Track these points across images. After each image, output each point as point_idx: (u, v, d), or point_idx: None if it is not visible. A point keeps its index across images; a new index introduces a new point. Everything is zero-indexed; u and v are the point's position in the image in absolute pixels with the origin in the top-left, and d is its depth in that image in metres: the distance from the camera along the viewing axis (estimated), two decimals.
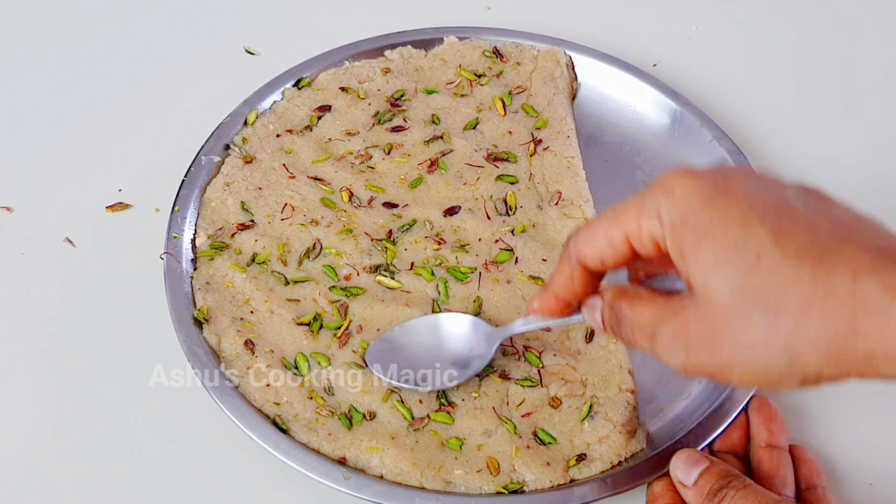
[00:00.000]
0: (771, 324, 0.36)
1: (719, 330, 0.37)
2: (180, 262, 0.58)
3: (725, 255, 0.37)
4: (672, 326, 0.39)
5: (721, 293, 0.37)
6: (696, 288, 0.38)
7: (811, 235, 0.36)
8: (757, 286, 0.36)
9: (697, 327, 0.38)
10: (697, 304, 0.38)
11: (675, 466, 0.49)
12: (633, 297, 0.42)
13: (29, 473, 0.54)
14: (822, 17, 0.81)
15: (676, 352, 0.39)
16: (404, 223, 0.61)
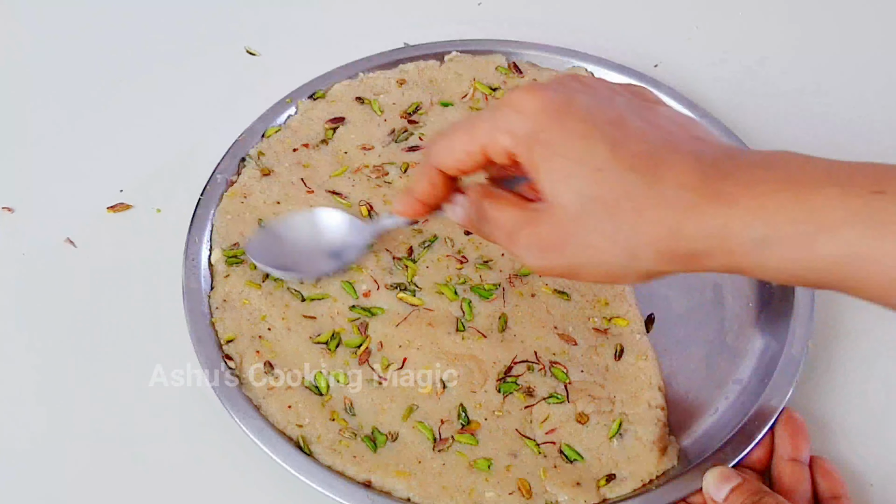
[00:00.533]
0: (613, 227, 0.41)
1: (569, 234, 0.42)
2: (198, 282, 0.58)
3: (572, 168, 0.41)
4: (528, 231, 0.43)
5: (569, 202, 0.41)
6: (548, 197, 0.42)
7: (644, 146, 0.41)
8: (599, 195, 0.41)
9: (550, 232, 0.43)
10: (550, 212, 0.42)
11: (708, 483, 0.50)
12: (496, 198, 0.46)
13: (29, 473, 0.54)
14: (823, 16, 0.81)
15: (532, 254, 0.44)
16: (425, 239, 0.60)
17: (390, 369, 0.55)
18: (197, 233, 0.60)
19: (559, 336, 0.56)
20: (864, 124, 0.73)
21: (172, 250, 0.60)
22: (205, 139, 0.68)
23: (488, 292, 0.58)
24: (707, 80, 0.74)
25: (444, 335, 0.56)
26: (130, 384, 0.57)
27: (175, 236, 0.61)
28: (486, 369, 0.55)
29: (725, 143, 0.44)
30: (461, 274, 0.59)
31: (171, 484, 0.54)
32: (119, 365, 0.58)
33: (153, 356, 0.57)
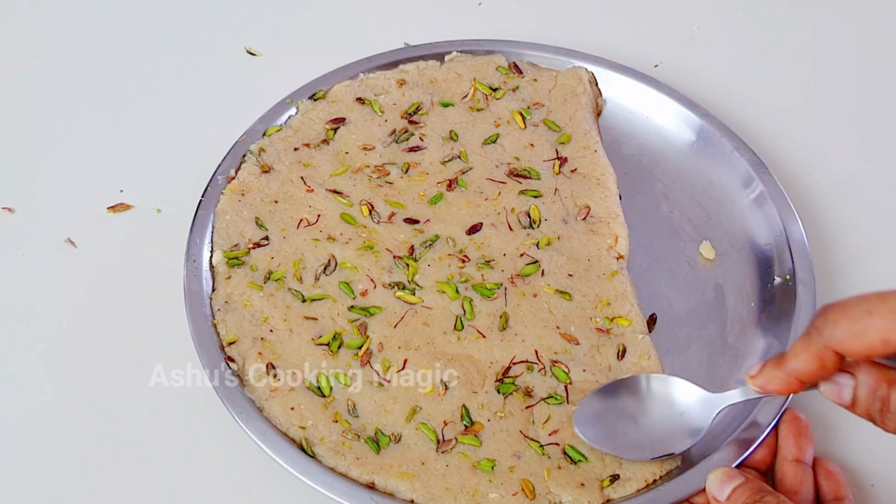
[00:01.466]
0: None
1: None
2: (199, 283, 0.58)
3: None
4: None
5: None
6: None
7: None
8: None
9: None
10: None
11: (710, 482, 0.50)
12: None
13: (29, 473, 0.54)
14: (823, 16, 0.81)
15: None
16: (426, 238, 0.60)
17: (391, 371, 0.55)
18: (198, 234, 0.60)
19: (561, 336, 0.56)
20: (865, 124, 0.73)
21: (172, 250, 0.60)
22: (205, 139, 0.68)
23: (490, 291, 0.58)
24: (707, 80, 0.74)
25: (440, 335, 0.56)
26: (130, 384, 0.57)
27: (175, 236, 0.61)
28: (482, 370, 0.55)
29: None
30: (463, 273, 0.59)
31: (172, 484, 0.54)
32: (119, 365, 0.58)
33: (153, 356, 0.57)
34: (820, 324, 0.42)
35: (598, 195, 0.62)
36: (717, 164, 0.66)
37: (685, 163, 0.67)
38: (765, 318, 0.59)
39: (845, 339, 0.41)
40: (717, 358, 0.58)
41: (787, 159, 0.69)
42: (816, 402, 0.57)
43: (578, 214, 0.62)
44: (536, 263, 0.59)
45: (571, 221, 0.61)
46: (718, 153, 0.67)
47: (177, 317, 0.57)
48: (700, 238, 0.63)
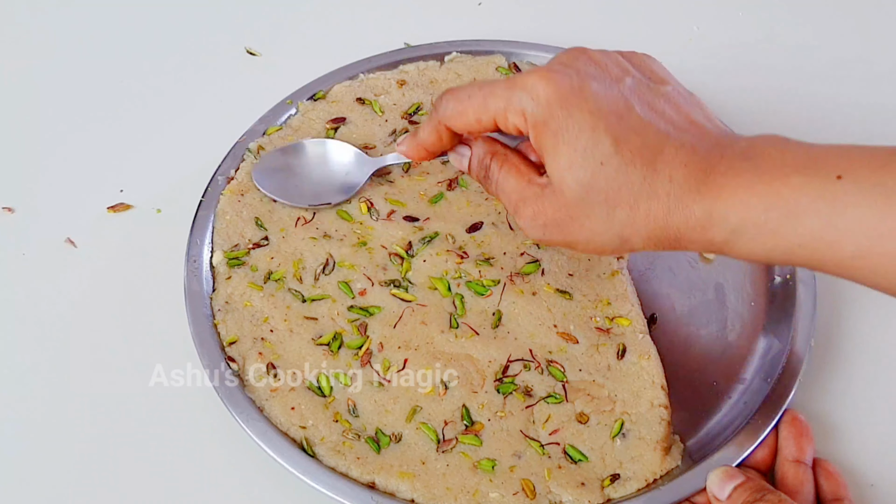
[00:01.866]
0: (609, 215, 0.46)
1: (570, 216, 0.47)
2: (200, 284, 0.58)
3: (577, 159, 0.45)
4: (533, 208, 0.48)
5: (573, 189, 0.46)
6: (553, 179, 0.47)
7: (643, 139, 0.45)
8: (600, 185, 0.45)
9: (553, 212, 0.47)
10: (554, 193, 0.47)
11: (711, 481, 0.50)
12: (502, 160, 0.50)
13: (28, 473, 0.54)
14: (824, 16, 0.81)
15: (535, 228, 0.49)
16: (426, 235, 0.60)
17: (391, 370, 0.55)
18: (198, 234, 0.60)
19: (559, 334, 0.56)
20: (865, 123, 0.73)
21: (172, 250, 0.60)
22: (205, 139, 0.68)
23: (485, 288, 0.58)
24: (707, 79, 0.74)
25: (438, 334, 0.56)
26: (130, 384, 0.57)
27: (175, 236, 0.61)
28: (482, 369, 0.55)
29: (718, 128, 0.47)
30: (460, 269, 0.59)
31: (172, 484, 0.54)
32: (119, 365, 0.58)
33: (153, 356, 0.57)
34: (437, 103, 0.51)
35: None
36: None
37: None
38: (765, 317, 0.59)
39: (451, 116, 0.50)
40: (717, 357, 0.58)
41: None
42: (817, 403, 0.57)
43: None
44: (537, 262, 0.59)
45: None
46: None
47: (177, 317, 0.57)
48: None
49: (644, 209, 0.45)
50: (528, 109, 0.46)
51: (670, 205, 0.44)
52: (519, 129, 0.48)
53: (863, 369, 0.59)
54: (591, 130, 0.45)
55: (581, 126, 0.45)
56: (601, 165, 0.45)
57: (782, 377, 0.55)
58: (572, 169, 0.45)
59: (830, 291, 0.61)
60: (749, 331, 0.59)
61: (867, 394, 0.58)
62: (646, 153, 0.45)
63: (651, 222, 0.45)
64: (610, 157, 0.45)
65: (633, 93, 0.47)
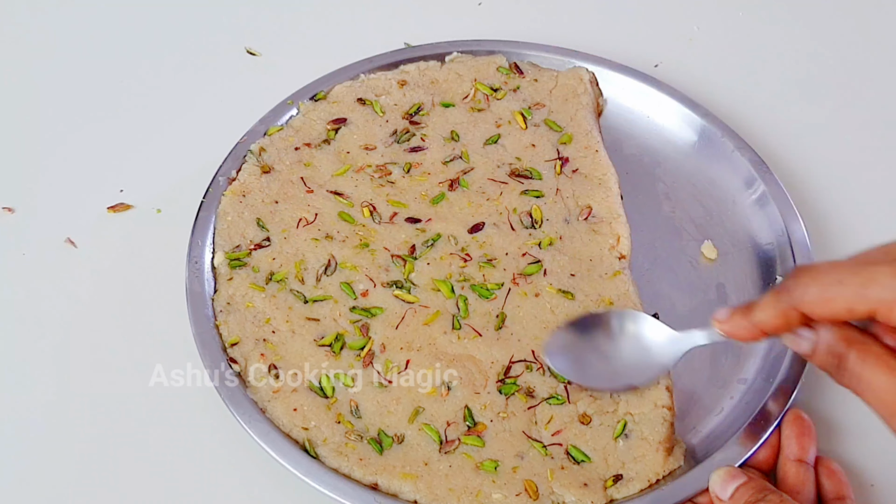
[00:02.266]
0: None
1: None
2: (202, 285, 0.58)
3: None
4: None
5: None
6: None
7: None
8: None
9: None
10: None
11: (714, 481, 0.50)
12: (863, 349, 0.43)
13: (28, 473, 0.54)
14: (824, 16, 0.81)
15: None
16: (428, 237, 0.60)
17: (393, 371, 0.55)
18: (200, 235, 0.60)
19: None
20: (866, 123, 0.73)
21: (172, 250, 0.60)
22: (205, 139, 0.68)
23: (489, 292, 0.58)
24: (707, 79, 0.74)
25: (440, 335, 0.56)
26: (130, 384, 0.57)
27: (175, 237, 0.61)
28: (484, 370, 0.55)
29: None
30: (463, 272, 0.59)
31: (173, 485, 0.54)
32: (119, 365, 0.58)
33: (153, 356, 0.57)
34: (791, 285, 0.44)
35: (600, 195, 0.62)
36: (718, 163, 0.66)
37: (687, 163, 0.67)
38: None
39: (813, 303, 0.43)
40: (719, 357, 0.58)
41: (789, 159, 0.69)
42: (818, 402, 0.57)
43: (580, 214, 0.62)
44: (539, 263, 0.59)
45: (573, 221, 0.61)
46: (720, 153, 0.67)
47: (176, 317, 0.57)
48: (702, 238, 0.63)
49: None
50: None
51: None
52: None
53: None
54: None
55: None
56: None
57: (784, 377, 0.55)
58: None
59: None
60: None
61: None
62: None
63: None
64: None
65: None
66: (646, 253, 0.62)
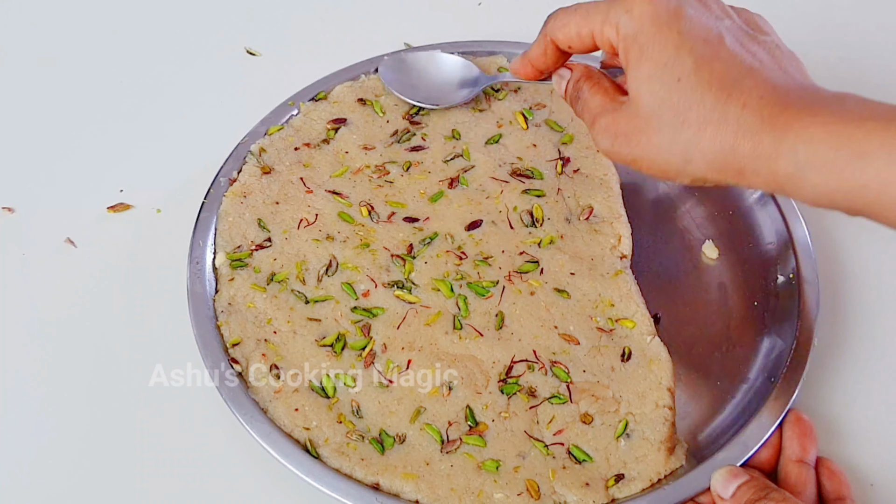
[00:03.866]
0: (676, 132, 0.46)
1: (639, 129, 0.48)
2: (203, 285, 0.58)
3: (656, 72, 0.46)
4: (608, 119, 0.50)
5: (646, 102, 0.47)
6: (630, 93, 0.48)
7: (725, 67, 0.45)
8: (673, 102, 0.46)
9: (625, 124, 0.48)
10: (629, 107, 0.48)
11: (715, 481, 0.50)
12: (594, 82, 0.52)
13: (28, 473, 0.54)
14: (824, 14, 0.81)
15: (606, 139, 0.50)
16: (425, 236, 0.60)
17: (395, 372, 0.55)
18: (201, 236, 0.60)
19: (560, 336, 0.56)
20: None
21: (173, 250, 0.60)
22: (204, 140, 0.68)
23: (485, 290, 0.58)
24: None
25: (442, 335, 0.56)
26: (130, 384, 0.57)
27: (175, 237, 0.61)
28: (486, 370, 0.55)
29: (808, 81, 0.47)
30: (459, 270, 0.59)
31: (173, 485, 0.54)
32: (119, 365, 0.58)
33: (153, 356, 0.57)
34: (548, 19, 0.53)
35: (601, 195, 0.62)
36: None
37: None
38: (768, 317, 0.59)
39: (556, 29, 0.52)
40: (720, 357, 0.58)
41: None
42: (820, 402, 0.57)
43: (581, 214, 0.62)
44: (535, 262, 0.59)
45: (574, 221, 0.61)
46: None
47: (176, 316, 0.57)
48: (703, 237, 0.63)
49: (711, 132, 0.45)
50: (621, 23, 0.48)
51: (738, 132, 0.44)
52: (612, 43, 0.49)
53: (866, 369, 0.59)
54: (676, 48, 0.46)
55: (667, 43, 0.46)
56: (678, 82, 0.46)
57: (786, 377, 0.55)
58: (650, 81, 0.46)
59: (833, 291, 0.61)
60: (752, 330, 0.59)
61: (870, 393, 0.58)
62: (725, 80, 0.45)
63: (717, 147, 0.45)
64: (688, 75, 0.45)
65: (729, 30, 0.47)
66: (647, 253, 0.62)
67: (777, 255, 0.62)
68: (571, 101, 0.54)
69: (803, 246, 0.61)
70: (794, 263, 0.60)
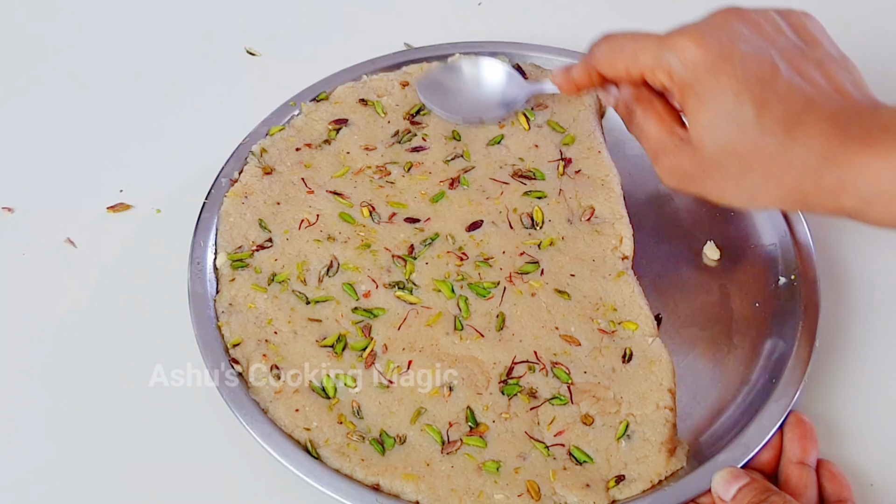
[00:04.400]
0: (741, 178, 0.48)
1: (705, 173, 0.49)
2: (204, 286, 0.58)
3: (717, 122, 0.47)
4: (671, 160, 0.51)
5: (710, 150, 0.48)
6: (693, 138, 0.49)
7: (785, 106, 0.46)
8: (736, 150, 0.47)
9: (689, 166, 0.50)
10: (692, 149, 0.49)
11: (716, 482, 0.50)
12: (647, 106, 0.52)
13: (28, 472, 0.54)
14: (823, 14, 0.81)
15: (671, 179, 0.52)
16: (426, 237, 0.60)
17: (395, 372, 0.55)
18: (202, 236, 0.60)
19: (561, 337, 0.56)
20: None
21: (173, 250, 0.60)
22: (204, 140, 0.68)
23: (486, 290, 0.58)
24: None
25: (443, 336, 0.56)
26: (130, 384, 0.57)
27: (176, 237, 0.61)
28: (487, 371, 0.55)
29: (865, 95, 0.48)
30: (460, 271, 0.59)
31: (173, 485, 0.54)
32: (119, 365, 0.58)
33: (153, 356, 0.57)
34: (593, 47, 0.55)
35: (603, 196, 0.62)
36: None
37: None
38: (770, 318, 0.59)
39: (601, 63, 0.54)
40: (722, 358, 0.58)
41: None
42: (822, 404, 0.57)
43: (583, 215, 0.61)
44: (536, 263, 0.59)
45: (576, 222, 0.61)
46: None
47: (176, 317, 0.57)
48: (704, 238, 0.63)
49: (777, 175, 0.46)
50: (675, 70, 0.48)
51: (804, 173, 0.45)
52: (665, 86, 0.50)
53: (868, 370, 0.59)
54: (735, 96, 0.46)
55: (725, 91, 0.47)
56: (740, 131, 0.46)
57: (787, 378, 0.55)
58: (712, 131, 0.47)
59: (835, 292, 0.61)
60: (754, 332, 0.59)
61: (872, 395, 0.58)
62: (786, 121, 0.46)
63: (782, 187, 0.47)
64: (750, 123, 0.46)
65: (783, 56, 0.48)
66: (648, 254, 0.62)
67: (779, 256, 0.62)
68: (623, 120, 0.55)
69: (805, 247, 0.61)
70: (795, 264, 0.60)
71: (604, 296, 0.58)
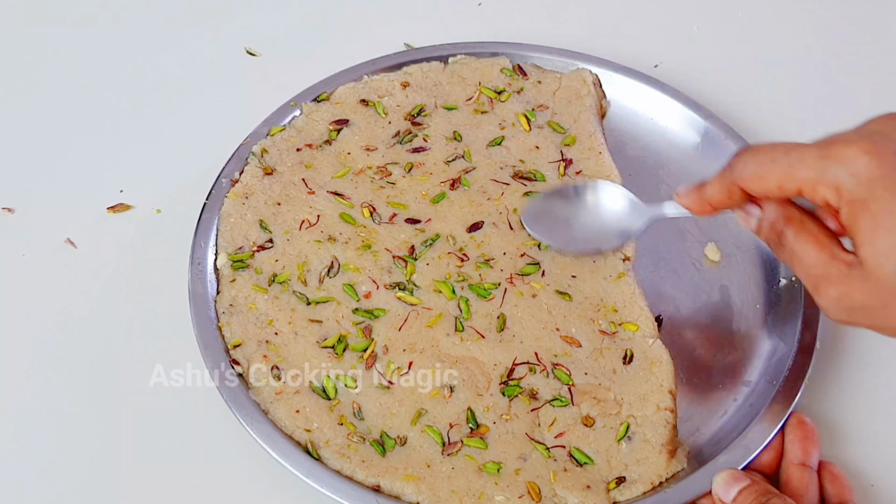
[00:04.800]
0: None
1: (883, 305, 0.42)
2: (204, 286, 0.58)
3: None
4: (839, 290, 0.43)
5: (890, 276, 0.41)
6: (866, 263, 0.42)
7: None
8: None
9: (863, 297, 0.43)
10: (865, 276, 0.42)
11: (717, 484, 0.50)
12: (799, 227, 0.46)
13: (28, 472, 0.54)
14: (824, 14, 0.81)
15: (839, 311, 0.44)
16: (427, 238, 0.60)
17: (396, 373, 0.55)
18: (202, 237, 0.60)
19: (562, 338, 0.56)
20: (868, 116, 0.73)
21: (172, 251, 0.60)
22: (205, 140, 0.68)
23: (486, 291, 0.58)
24: (708, 80, 0.74)
25: (443, 337, 0.56)
26: (130, 384, 0.57)
27: (176, 237, 0.61)
28: (487, 372, 0.55)
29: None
30: (461, 272, 0.59)
31: (173, 485, 0.54)
32: (119, 365, 0.58)
33: (153, 356, 0.57)
34: (734, 162, 0.47)
35: None
36: (721, 165, 0.66)
37: (690, 164, 0.67)
38: (770, 319, 0.59)
39: (748, 179, 0.46)
40: (723, 359, 0.58)
41: None
42: (822, 405, 0.57)
43: None
44: (537, 264, 0.59)
45: None
46: (723, 154, 0.65)
47: (176, 317, 0.57)
48: (705, 240, 0.63)
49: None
50: (844, 185, 0.42)
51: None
52: (828, 202, 0.43)
53: (868, 372, 0.59)
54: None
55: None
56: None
57: (788, 380, 0.55)
58: (891, 254, 0.41)
59: None
60: (754, 333, 0.59)
61: (873, 397, 0.58)
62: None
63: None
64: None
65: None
66: (649, 255, 0.62)
67: None
68: (770, 246, 0.48)
69: None
70: None
71: (605, 297, 0.58)
